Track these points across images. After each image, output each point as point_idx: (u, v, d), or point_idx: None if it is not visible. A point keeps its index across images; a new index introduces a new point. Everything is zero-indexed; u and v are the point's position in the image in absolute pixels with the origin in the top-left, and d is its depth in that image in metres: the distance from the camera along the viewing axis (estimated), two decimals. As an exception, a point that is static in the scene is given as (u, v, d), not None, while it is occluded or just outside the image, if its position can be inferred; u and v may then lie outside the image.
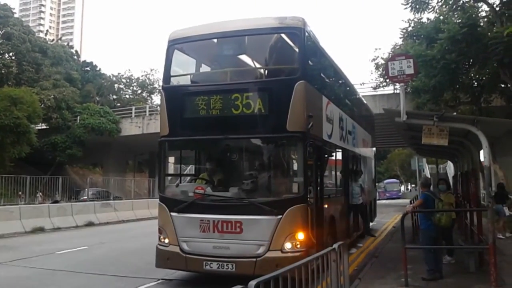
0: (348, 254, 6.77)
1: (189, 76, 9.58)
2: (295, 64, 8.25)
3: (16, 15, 44.31)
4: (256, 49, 8.97)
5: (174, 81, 9.03)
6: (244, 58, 9.41)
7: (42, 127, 38.02)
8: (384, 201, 41.11)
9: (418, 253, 8.60)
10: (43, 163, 35.85)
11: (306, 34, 8.24)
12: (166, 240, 8.16)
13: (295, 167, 8.28)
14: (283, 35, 8.68)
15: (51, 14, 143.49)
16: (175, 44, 8.86)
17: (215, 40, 8.99)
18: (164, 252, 8.16)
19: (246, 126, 8.03)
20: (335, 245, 5.52)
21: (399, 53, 12.03)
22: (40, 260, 11.07)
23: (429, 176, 35.95)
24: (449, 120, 7.93)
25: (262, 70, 9.42)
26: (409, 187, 65.54)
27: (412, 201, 17.27)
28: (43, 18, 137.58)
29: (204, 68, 9.98)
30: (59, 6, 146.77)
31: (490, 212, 7.42)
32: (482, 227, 9.00)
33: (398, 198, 49.09)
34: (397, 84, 13.07)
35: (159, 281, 8.66)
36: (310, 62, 8.70)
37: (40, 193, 28.42)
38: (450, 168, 33.88)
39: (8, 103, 29.35)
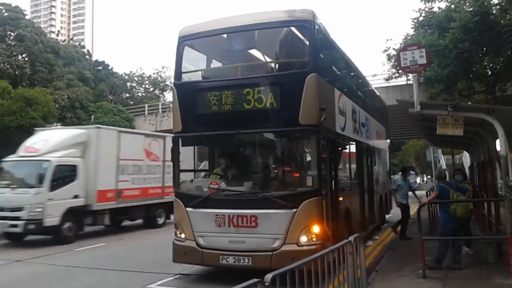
0: (365, 247, 6.73)
1: (200, 72, 9.58)
2: (306, 57, 8.21)
3: (27, 17, 44.68)
4: (267, 43, 8.95)
5: (185, 78, 9.06)
6: (255, 52, 9.37)
7: (58, 127, 38.45)
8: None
9: (435, 244, 8.53)
10: (59, 162, 36.21)
11: (316, 26, 8.19)
12: (183, 235, 8.23)
13: (309, 160, 8.26)
14: (293, 28, 8.63)
15: (61, 15, 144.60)
16: (185, 41, 8.88)
17: (225, 36, 8.98)
18: (181, 247, 8.23)
19: (259, 120, 8.02)
20: (351, 238, 5.51)
21: (411, 43, 11.93)
22: (59, 257, 11.25)
23: (445, 167, 35.60)
24: (464, 109, 7.85)
25: (273, 64, 9.39)
26: (424, 179, 64.93)
27: (428, 193, 17.12)
28: (54, 19, 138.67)
29: (215, 64, 9.99)
30: (69, 6, 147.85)
31: (508, 202, 7.33)
32: (500, 217, 8.90)
33: (414, 189, 48.69)
34: (409, 74, 12.95)
35: (176, 276, 8.74)
36: (321, 55, 8.65)
37: None
38: (466, 158, 33.43)
39: (23, 103, 29.71)
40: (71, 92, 37.59)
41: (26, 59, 39.24)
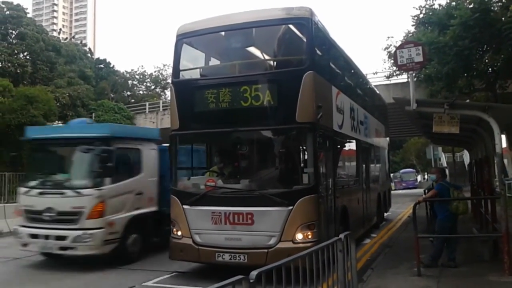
0: (355, 244, 6.68)
1: (198, 69, 9.60)
2: (303, 54, 8.20)
3: (29, 15, 44.66)
4: (264, 40, 8.94)
5: (183, 75, 9.07)
6: (252, 50, 9.36)
7: (59, 125, 38.47)
8: (400, 191, 40.80)
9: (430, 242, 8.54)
10: (60, 160, 36.26)
11: (314, 24, 8.18)
12: (179, 233, 8.24)
13: (305, 158, 8.28)
14: (290, 26, 8.63)
15: (63, 13, 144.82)
16: (184, 38, 8.89)
17: (223, 33, 8.99)
18: (177, 245, 8.26)
19: (256, 118, 8.04)
20: (341, 235, 5.48)
21: (408, 41, 11.88)
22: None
23: (445, 165, 35.55)
24: (460, 107, 7.81)
25: (270, 62, 9.38)
26: (425, 177, 64.89)
27: (425, 191, 17.11)
28: (56, 17, 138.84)
29: (213, 62, 10.01)
30: (71, 5, 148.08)
31: (503, 199, 7.32)
32: (496, 215, 8.90)
33: (415, 188, 48.67)
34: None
35: (173, 274, 8.76)
36: (318, 52, 8.64)
37: None
38: (466, 156, 33.40)
39: (24, 102, 29.75)
40: (72, 90, 37.60)
41: (28, 57, 39.26)
